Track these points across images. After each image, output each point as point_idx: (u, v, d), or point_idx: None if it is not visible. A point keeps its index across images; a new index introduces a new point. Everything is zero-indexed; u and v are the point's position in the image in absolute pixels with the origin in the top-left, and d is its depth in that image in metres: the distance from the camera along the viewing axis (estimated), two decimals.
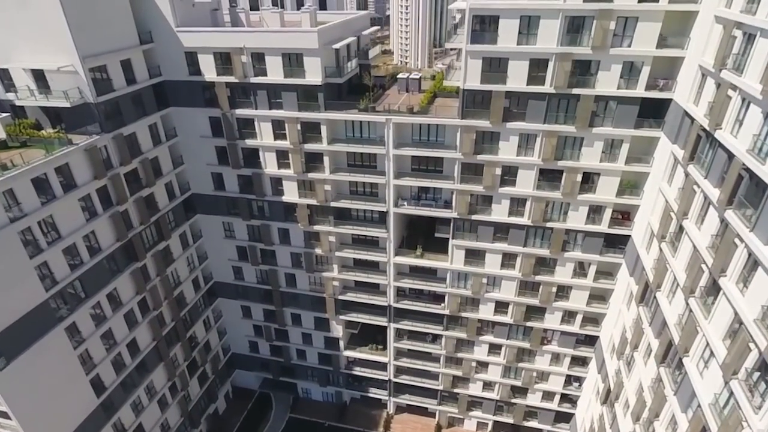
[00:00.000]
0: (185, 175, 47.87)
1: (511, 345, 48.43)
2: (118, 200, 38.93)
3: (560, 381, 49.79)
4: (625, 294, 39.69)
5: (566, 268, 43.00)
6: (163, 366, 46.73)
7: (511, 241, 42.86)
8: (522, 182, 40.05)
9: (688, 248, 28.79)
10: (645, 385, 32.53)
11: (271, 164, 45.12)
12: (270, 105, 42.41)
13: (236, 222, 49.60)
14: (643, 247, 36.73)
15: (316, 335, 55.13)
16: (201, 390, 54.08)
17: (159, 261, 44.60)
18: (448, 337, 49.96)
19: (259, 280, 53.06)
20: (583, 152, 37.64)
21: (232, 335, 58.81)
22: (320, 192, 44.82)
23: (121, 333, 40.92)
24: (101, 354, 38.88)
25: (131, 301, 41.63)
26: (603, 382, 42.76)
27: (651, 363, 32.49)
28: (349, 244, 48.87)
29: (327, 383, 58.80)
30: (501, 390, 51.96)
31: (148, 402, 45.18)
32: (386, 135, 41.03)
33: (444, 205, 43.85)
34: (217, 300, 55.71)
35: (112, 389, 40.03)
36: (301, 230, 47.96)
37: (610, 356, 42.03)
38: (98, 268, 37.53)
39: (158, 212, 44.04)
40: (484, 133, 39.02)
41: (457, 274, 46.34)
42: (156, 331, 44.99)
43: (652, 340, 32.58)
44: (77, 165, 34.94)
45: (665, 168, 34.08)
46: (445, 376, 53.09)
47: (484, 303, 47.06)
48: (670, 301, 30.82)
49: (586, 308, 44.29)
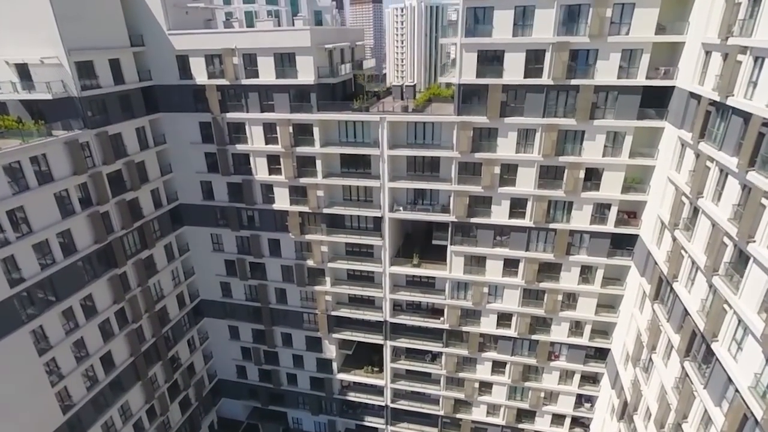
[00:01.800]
0: (173, 185, 46.20)
1: (516, 362, 45.14)
2: (98, 200, 37.04)
3: (570, 402, 46.11)
4: (637, 296, 37.17)
5: (572, 274, 40.57)
6: (140, 386, 43.18)
7: (512, 246, 40.70)
8: (522, 181, 38.41)
9: (706, 228, 27.18)
10: (668, 386, 29.54)
11: (261, 170, 43.59)
12: (261, 108, 41.39)
13: (225, 233, 47.48)
14: (654, 243, 34.59)
15: (308, 357, 51.66)
16: (183, 417, 49.99)
17: (141, 270, 42.10)
18: (448, 354, 46.68)
19: (248, 296, 50.24)
20: (585, 146, 36.25)
21: (219, 359, 55.23)
22: (312, 198, 43.03)
23: (94, 344, 37.85)
24: (71, 365, 35.69)
25: (108, 310, 38.83)
26: (618, 396, 39.39)
27: (673, 361, 29.70)
28: (343, 255, 46.53)
29: (319, 411, 54.63)
30: (507, 414, 48.07)
31: (122, 425, 41.37)
32: (381, 135, 39.77)
33: (441, 210, 41.95)
34: (203, 320, 52.63)
35: (81, 406, 36.54)
36: (292, 240, 45.78)
37: (624, 366, 38.91)
38: (72, 269, 35.08)
39: (142, 219, 42.05)
40: (482, 130, 37.77)
41: (457, 284, 43.80)
42: (134, 347, 41.82)
43: (672, 335, 29.87)
44: (55, 157, 33.31)
45: (672, 156, 32.68)
46: (446, 400, 49.27)
47: (486, 315, 44.23)
48: (690, 289, 28.43)
49: (594, 317, 41.47)
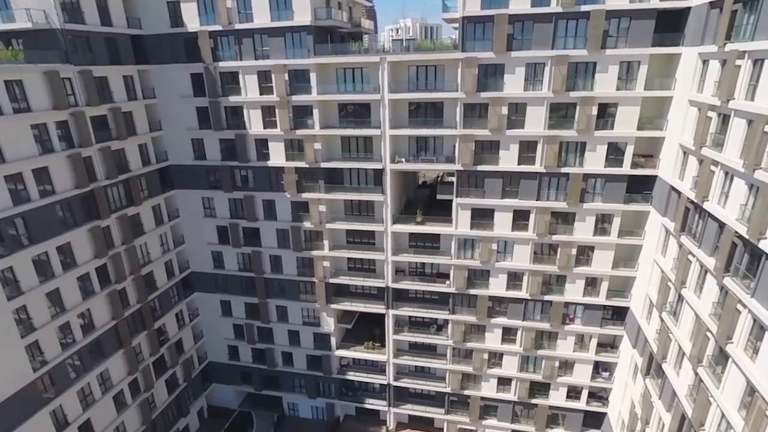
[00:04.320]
0: (163, 144, 43.92)
1: (528, 327, 42.03)
2: (80, 142, 34.67)
3: (587, 371, 42.71)
4: (659, 238, 34.54)
5: (586, 224, 37.94)
6: (122, 355, 39.87)
7: (522, 195, 38.23)
8: (531, 121, 36.25)
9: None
10: (704, 314, 26.78)
11: (256, 123, 41.43)
12: (256, 55, 39.55)
13: (217, 196, 44.93)
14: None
15: (305, 333, 48.37)
16: (169, 398, 46.30)
17: (126, 228, 39.38)
18: (455, 322, 43.53)
19: (241, 266, 47.31)
20: (597, 80, 34.26)
21: (210, 340, 51.82)
22: (309, 152, 40.72)
23: (72, 299, 34.84)
24: (44, 318, 32.63)
25: (88, 264, 35.96)
26: (642, 353, 36.28)
27: (708, 287, 26.99)
28: (342, 216, 43.88)
29: (317, 394, 50.92)
30: (519, 387, 44.57)
31: (101, 395, 37.91)
32: (381, 78, 37.79)
33: (446, 160, 39.64)
34: (194, 295, 49.50)
35: (54, 365, 33.30)
36: (288, 200, 43.25)
37: (647, 320, 35.97)
38: (48, 211, 32.44)
39: (128, 172, 39.61)
40: (487, 67, 35.81)
41: (463, 242, 41.09)
42: (116, 310, 38.72)
43: (705, 259, 27.22)
44: (33, 88, 31.15)
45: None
46: (453, 375, 45.81)
47: (495, 275, 41.38)
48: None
49: (611, 272, 38.68)
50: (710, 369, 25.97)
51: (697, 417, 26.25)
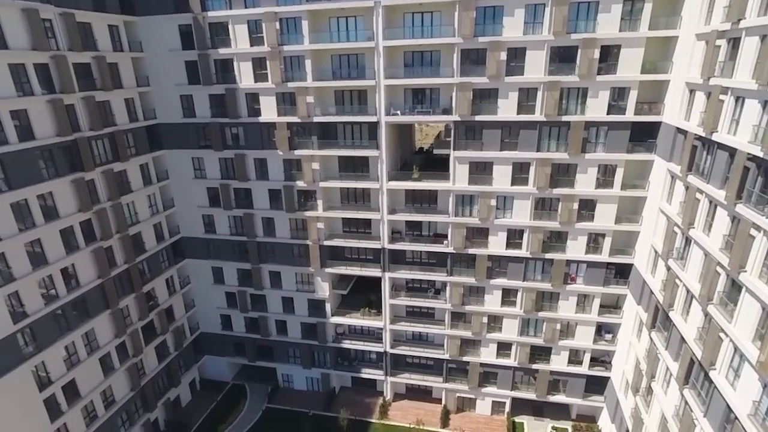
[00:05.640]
0: (151, 101, 42.61)
1: (529, 288, 40.72)
2: (62, 87, 33.31)
3: (590, 334, 41.39)
4: (663, 188, 33.23)
5: (588, 176, 36.65)
6: (109, 315, 38.52)
7: (521, 146, 36.92)
8: (531, 67, 34.93)
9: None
10: (715, 248, 25.51)
11: (246, 77, 40.09)
12: (245, 3, 38.24)
13: (207, 156, 43.59)
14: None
15: (299, 299, 47.02)
16: (159, 365, 44.93)
17: (112, 184, 38.02)
18: (453, 284, 42.21)
19: (233, 230, 45.98)
20: (599, 21, 32.96)
21: (202, 309, 50.47)
22: (302, 106, 39.37)
23: (54, 252, 33.50)
24: (24, 269, 31.28)
25: (71, 216, 34.61)
26: (647, 308, 34.97)
27: (719, 224, 25.64)
28: (336, 175, 42.51)
29: (312, 364, 49.56)
30: (519, 352, 43.26)
31: (86, 355, 36.56)
32: (375, 25, 36.41)
33: (442, 112, 38.33)
34: (185, 261, 48.15)
35: (36, 318, 31.95)
36: (280, 158, 41.94)
37: (652, 273, 34.69)
38: (27, 156, 31.09)
39: (114, 126, 38.27)
40: (485, 9, 34.47)
41: (461, 199, 39.77)
42: (103, 268, 37.37)
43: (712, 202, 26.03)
44: (11, 24, 29.78)
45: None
46: (451, 340, 44.48)
47: (494, 233, 40.06)
48: None
49: (615, 227, 37.40)
50: (721, 305, 24.69)
51: (708, 357, 25.00)
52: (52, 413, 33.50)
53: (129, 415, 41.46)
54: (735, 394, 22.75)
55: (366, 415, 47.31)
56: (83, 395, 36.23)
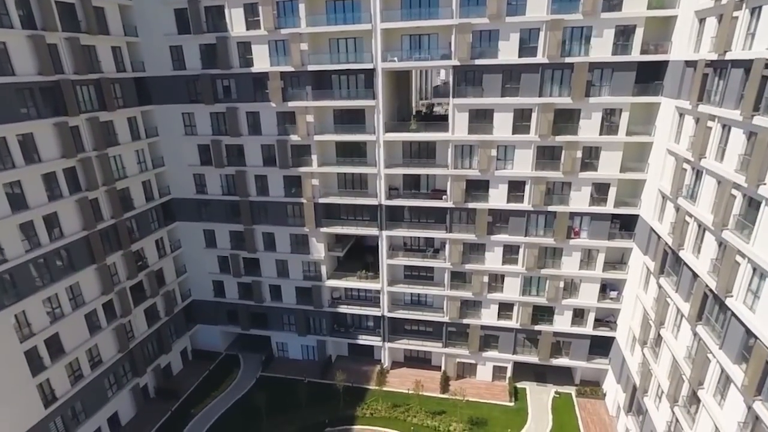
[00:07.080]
0: (139, 53, 41.20)
1: (531, 243, 39.35)
2: (44, 25, 31.85)
3: (594, 291, 39.98)
4: (672, 127, 31.88)
5: (593, 122, 35.34)
6: (95, 270, 37.04)
7: (523, 91, 35.57)
8: (533, 5, 33.54)
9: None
10: (728, 175, 24.12)
11: (238, 24, 38.72)
12: None
13: (198, 111, 42.19)
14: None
15: (294, 261, 45.56)
16: (149, 330, 43.40)
17: (97, 133, 36.58)
18: (452, 241, 40.80)
19: (225, 189, 44.54)
20: None
21: (194, 276, 48.98)
22: (296, 53, 37.96)
23: (36, 198, 32.04)
24: (3, 210, 29.78)
25: (54, 162, 33.14)
26: (654, 257, 33.56)
27: (729, 158, 24.38)
28: (331, 128, 41.08)
29: (307, 331, 48.10)
30: (521, 313, 41.83)
31: (71, 310, 35.05)
32: None
33: (441, 57, 36.99)
34: (176, 224, 46.68)
35: (15, 265, 30.45)
36: (273, 111, 40.56)
37: (660, 219, 33.33)
38: (8, 93, 29.63)
39: (100, 73, 36.82)
40: None
41: (461, 149, 38.40)
42: (88, 220, 35.91)
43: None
44: None
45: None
46: (451, 302, 43.05)
47: (495, 185, 38.67)
48: None
49: (620, 175, 36.08)
50: (738, 229, 23.34)
51: (723, 286, 23.64)
52: (33, 366, 32.04)
53: (117, 378, 40.01)
54: (755, 317, 21.36)
55: (363, 382, 45.81)
56: (67, 351, 34.72)
